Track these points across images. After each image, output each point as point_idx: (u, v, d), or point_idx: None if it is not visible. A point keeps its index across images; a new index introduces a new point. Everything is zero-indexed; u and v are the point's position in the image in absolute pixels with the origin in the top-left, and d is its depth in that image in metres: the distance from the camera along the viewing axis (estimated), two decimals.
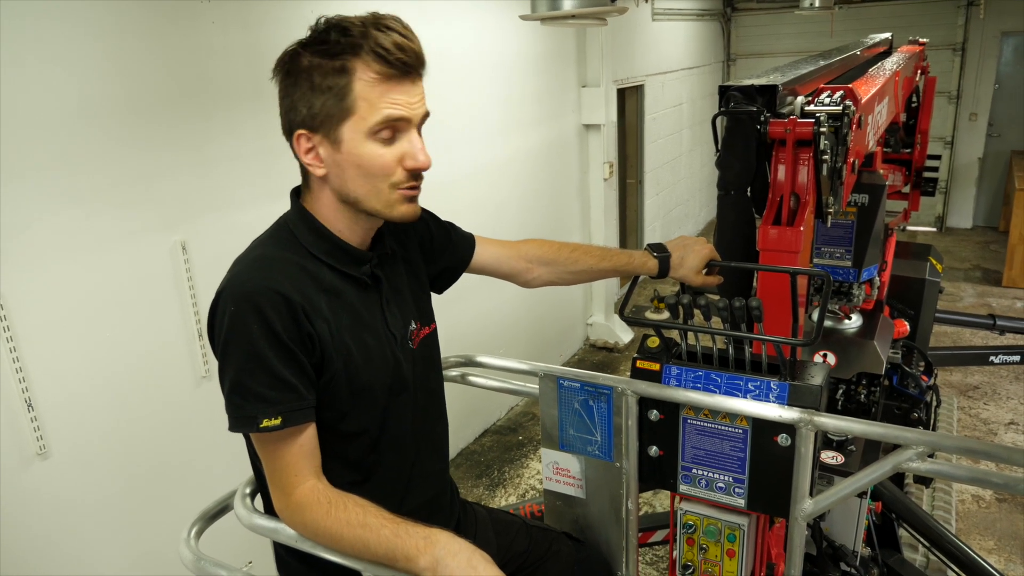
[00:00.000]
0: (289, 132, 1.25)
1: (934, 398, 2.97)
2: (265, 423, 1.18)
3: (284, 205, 3.02)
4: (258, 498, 1.43)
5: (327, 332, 1.24)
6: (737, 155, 1.59)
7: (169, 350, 2.67)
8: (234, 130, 2.80)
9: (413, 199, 1.29)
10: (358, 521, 1.18)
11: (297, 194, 1.36)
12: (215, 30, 2.67)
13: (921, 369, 3.04)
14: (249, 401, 1.19)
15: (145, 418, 2.60)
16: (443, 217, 1.66)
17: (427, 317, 1.51)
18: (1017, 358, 4.45)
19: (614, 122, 5.87)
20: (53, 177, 2.25)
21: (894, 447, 1.33)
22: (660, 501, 3.80)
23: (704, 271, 1.69)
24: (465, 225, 1.71)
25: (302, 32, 1.22)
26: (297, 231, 1.31)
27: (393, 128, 1.21)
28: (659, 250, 1.71)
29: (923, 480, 3.41)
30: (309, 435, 1.24)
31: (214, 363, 3.02)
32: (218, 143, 2.74)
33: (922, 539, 2.50)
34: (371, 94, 1.18)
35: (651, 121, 7.10)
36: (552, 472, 1.75)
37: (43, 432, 2.29)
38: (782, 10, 8.71)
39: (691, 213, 8.76)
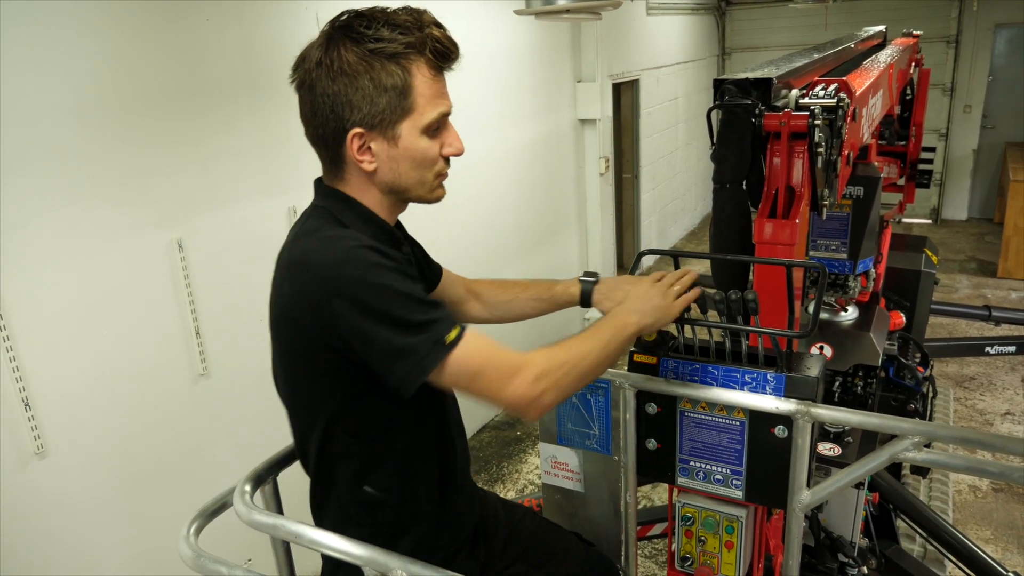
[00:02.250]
0: (340, 132, 1.23)
1: (930, 389, 2.99)
2: (450, 337, 1.15)
3: (281, 201, 3.02)
4: (258, 494, 1.43)
5: None
6: (732, 148, 1.59)
7: (166, 348, 2.67)
8: (230, 126, 2.79)
9: (444, 183, 1.36)
10: (580, 342, 1.28)
11: (320, 183, 1.35)
12: (210, 26, 2.67)
13: (917, 360, 3.05)
14: (426, 332, 1.14)
15: (143, 416, 2.60)
16: (440, 212, 1.67)
17: None
18: (1012, 349, 4.47)
19: (609, 117, 5.87)
20: (48, 175, 2.25)
21: (891, 438, 1.34)
22: (659, 495, 3.81)
23: None
24: (462, 220, 1.72)
25: (298, 28, 1.22)
26: (343, 217, 1.28)
27: (442, 123, 1.28)
28: (591, 277, 1.64)
29: (920, 471, 3.43)
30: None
31: (211, 361, 3.02)
32: (214, 139, 2.74)
33: (919, 529, 2.52)
34: (428, 91, 1.23)
35: (646, 116, 7.10)
36: (551, 466, 1.76)
37: (40, 431, 2.29)
38: (776, 4, 8.71)
39: (687, 207, 8.76)
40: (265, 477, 1.47)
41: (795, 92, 1.63)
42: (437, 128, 1.27)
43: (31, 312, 2.25)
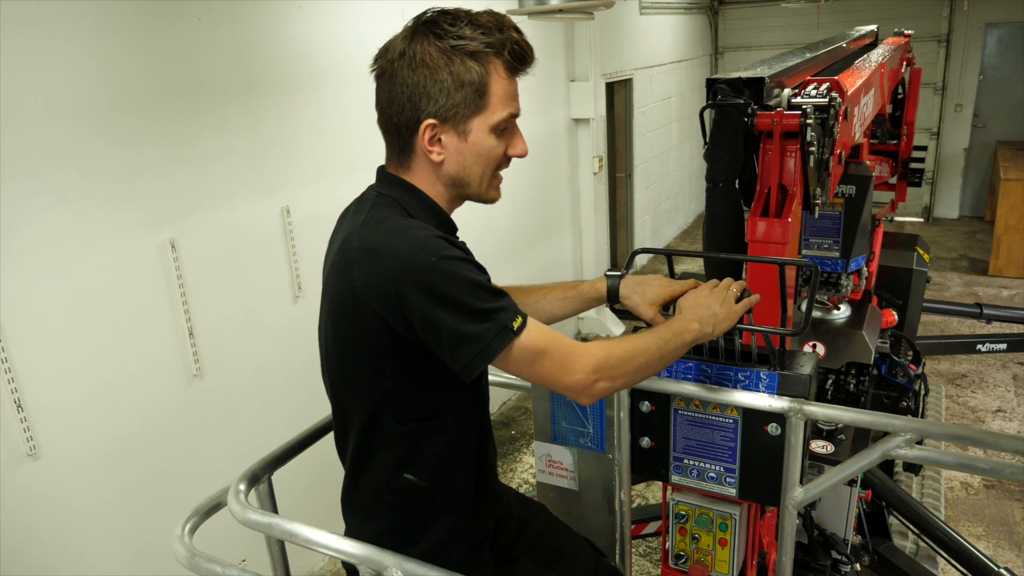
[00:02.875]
0: (414, 121, 1.27)
1: (922, 387, 3.00)
2: (516, 324, 1.20)
3: (274, 201, 3.01)
4: (252, 494, 1.43)
5: None
6: (725, 147, 1.60)
7: (159, 349, 2.66)
8: (223, 126, 2.79)
9: (500, 185, 1.41)
10: (639, 338, 1.33)
11: (384, 171, 1.37)
12: (202, 26, 2.66)
13: (909, 358, 3.07)
14: (494, 320, 1.19)
15: (136, 417, 2.60)
16: None
17: None
18: (1004, 346, 4.49)
19: (603, 116, 5.87)
20: (40, 176, 2.24)
21: (883, 435, 1.35)
22: (653, 493, 3.82)
23: (661, 309, 1.58)
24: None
25: (290, 27, 1.23)
26: (408, 206, 1.31)
27: (509, 124, 1.32)
28: (616, 273, 1.65)
29: (912, 468, 3.44)
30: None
31: (205, 361, 3.01)
32: (207, 139, 2.73)
33: (912, 526, 2.53)
34: (502, 91, 1.28)
35: (640, 115, 7.11)
36: (545, 465, 1.76)
37: (33, 433, 2.28)
38: (769, 3, 8.73)
39: (681, 206, 8.78)
40: (260, 476, 1.47)
41: (787, 91, 1.64)
42: (504, 129, 1.32)
43: (23, 313, 2.24)
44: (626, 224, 7.29)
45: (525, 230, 5.11)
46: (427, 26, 1.25)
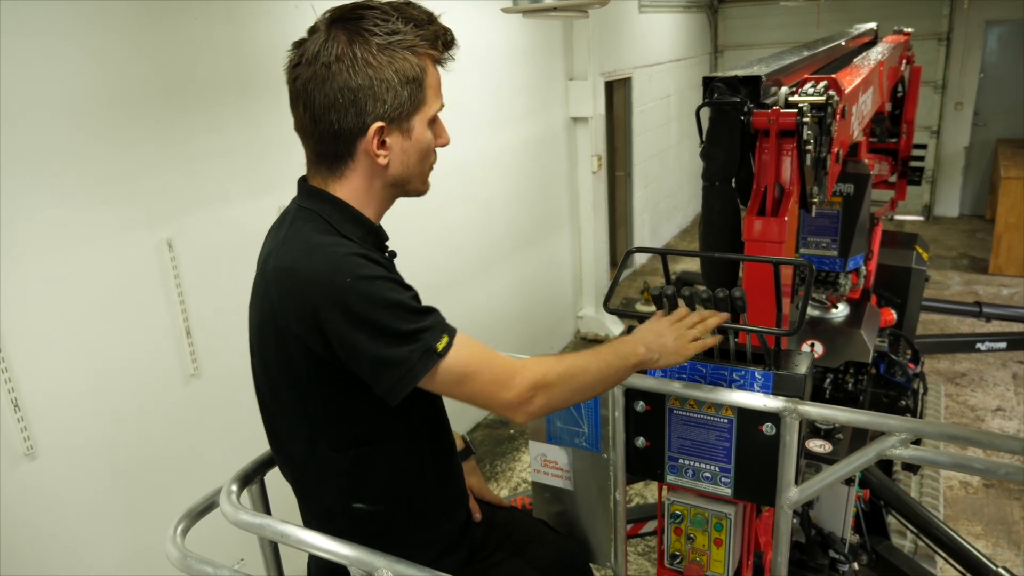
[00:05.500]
0: (359, 126, 1.20)
1: (921, 386, 3.00)
2: (440, 345, 1.15)
3: (271, 200, 3.02)
4: (245, 494, 1.43)
5: None
6: (721, 146, 1.59)
7: (156, 348, 2.65)
8: (220, 126, 2.78)
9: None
10: (580, 357, 1.29)
11: (305, 183, 1.31)
12: (199, 25, 2.65)
13: (908, 357, 3.06)
14: (416, 342, 1.14)
15: (133, 417, 2.59)
16: (433, 212, 1.68)
17: None
18: (1003, 345, 4.49)
19: (602, 115, 5.86)
20: (36, 175, 2.23)
21: (880, 435, 1.35)
22: (653, 493, 3.81)
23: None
24: (455, 220, 1.72)
25: (289, 26, 1.22)
26: (331, 219, 1.24)
27: (436, 115, 1.31)
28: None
29: (911, 467, 3.44)
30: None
31: (202, 361, 3.00)
32: (204, 139, 2.73)
33: (910, 526, 2.52)
34: (435, 84, 1.27)
35: (639, 114, 7.10)
36: (540, 464, 1.76)
37: (30, 432, 2.28)
38: (768, 2, 8.71)
39: (679, 205, 8.77)
40: (252, 477, 1.47)
41: (784, 90, 1.63)
42: (434, 121, 1.30)
43: (20, 312, 2.23)
44: (625, 223, 7.29)
45: (524, 229, 5.11)
46: (354, 23, 1.19)
